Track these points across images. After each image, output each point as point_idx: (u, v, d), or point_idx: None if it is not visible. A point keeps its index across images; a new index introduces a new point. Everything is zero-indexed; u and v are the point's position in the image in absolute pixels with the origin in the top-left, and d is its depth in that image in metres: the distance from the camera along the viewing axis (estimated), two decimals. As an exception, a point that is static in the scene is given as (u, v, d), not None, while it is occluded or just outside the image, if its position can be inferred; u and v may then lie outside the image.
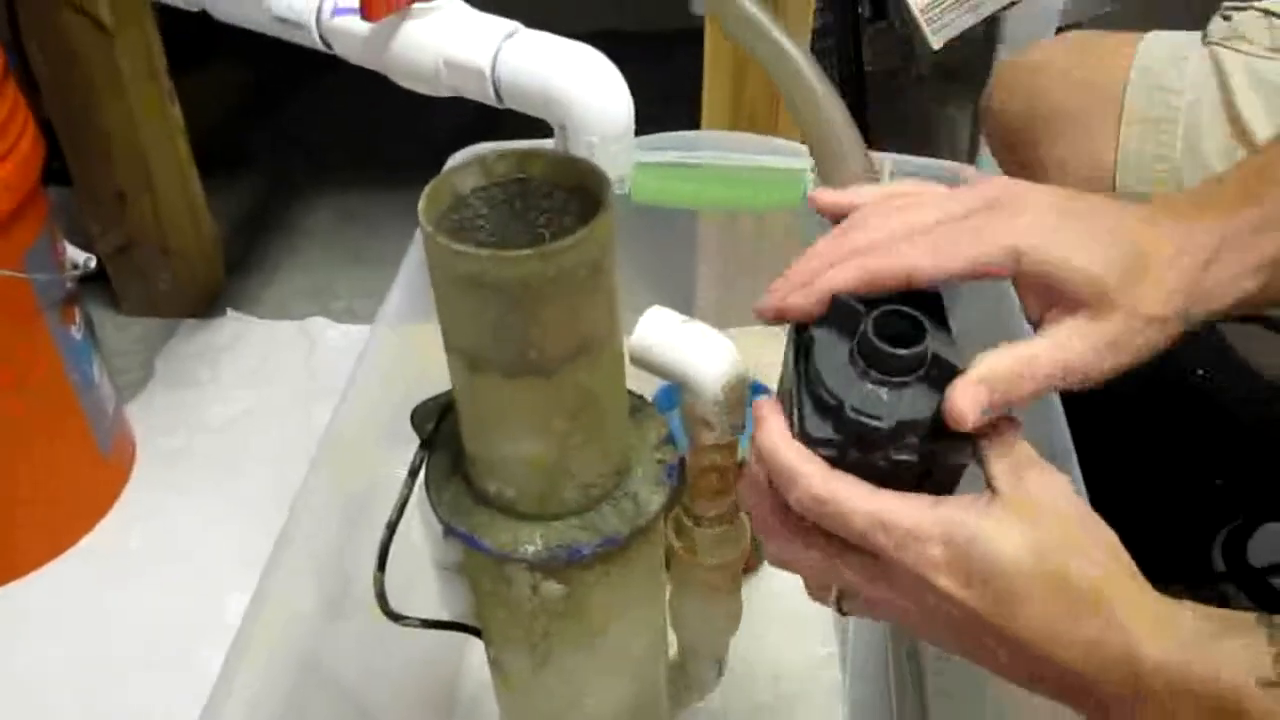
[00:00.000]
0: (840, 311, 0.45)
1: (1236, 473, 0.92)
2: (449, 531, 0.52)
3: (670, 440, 0.54)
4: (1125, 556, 0.43)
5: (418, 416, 0.57)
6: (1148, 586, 0.43)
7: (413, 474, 0.54)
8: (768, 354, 1.10)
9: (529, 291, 0.43)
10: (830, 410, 0.44)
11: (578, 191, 0.47)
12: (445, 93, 0.68)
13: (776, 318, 0.47)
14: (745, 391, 0.55)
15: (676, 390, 0.55)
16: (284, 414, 1.13)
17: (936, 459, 0.44)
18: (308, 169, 1.52)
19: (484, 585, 0.55)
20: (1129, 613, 0.41)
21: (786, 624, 0.89)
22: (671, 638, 0.70)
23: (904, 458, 0.44)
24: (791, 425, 0.45)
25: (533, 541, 0.50)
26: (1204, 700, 0.41)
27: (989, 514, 0.42)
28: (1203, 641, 0.41)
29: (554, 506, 0.50)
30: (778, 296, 0.47)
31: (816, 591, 0.50)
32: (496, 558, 0.50)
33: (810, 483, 0.43)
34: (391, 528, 0.54)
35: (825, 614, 0.90)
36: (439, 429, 0.55)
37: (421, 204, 0.44)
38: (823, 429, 0.44)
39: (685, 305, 1.20)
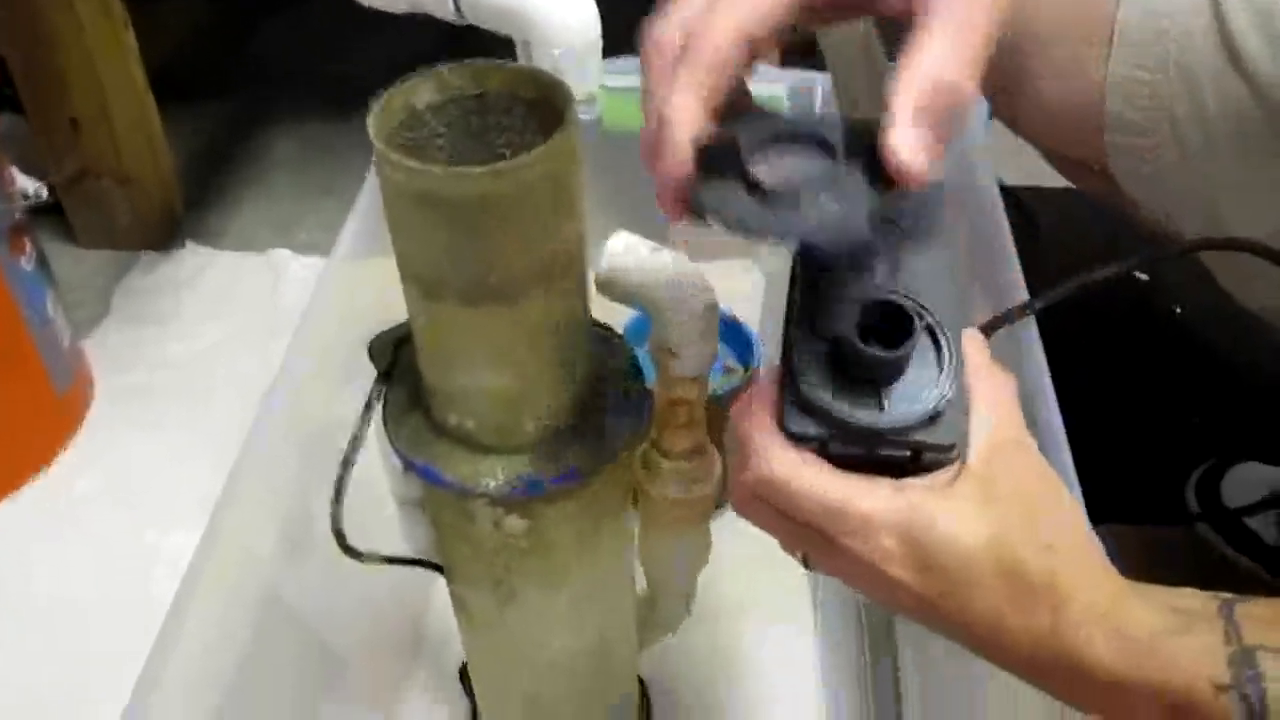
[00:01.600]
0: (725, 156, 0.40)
1: (1212, 411, 0.91)
2: (408, 465, 0.50)
3: (638, 373, 0.52)
4: (1092, 544, 0.42)
5: (375, 348, 0.54)
6: (1109, 577, 0.41)
7: (369, 407, 0.52)
8: (740, 285, 1.09)
9: (486, 211, 0.40)
10: (812, 408, 0.41)
11: (540, 106, 0.45)
12: (404, 8, 0.65)
13: (676, 215, 0.42)
14: (715, 322, 0.53)
15: (647, 322, 0.54)
16: (247, 349, 1.10)
17: (924, 453, 0.42)
18: (273, 98, 1.48)
19: (445, 521, 0.54)
20: (1081, 609, 0.40)
21: (756, 558, 0.88)
22: (639, 572, 0.69)
23: (891, 454, 0.42)
24: (779, 413, 0.42)
25: (493, 475, 0.48)
26: (1153, 700, 0.39)
27: (950, 496, 0.40)
28: (1155, 642, 0.39)
29: (516, 439, 0.48)
30: (659, 196, 0.41)
31: (784, 547, 0.48)
32: (456, 491, 0.49)
33: (761, 461, 0.41)
34: (347, 463, 0.52)
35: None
36: (396, 360, 0.52)
37: (371, 119, 0.42)
38: (802, 425, 0.41)
39: (658, 238, 1.18)
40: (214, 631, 0.58)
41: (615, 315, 0.56)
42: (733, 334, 0.86)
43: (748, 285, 1.08)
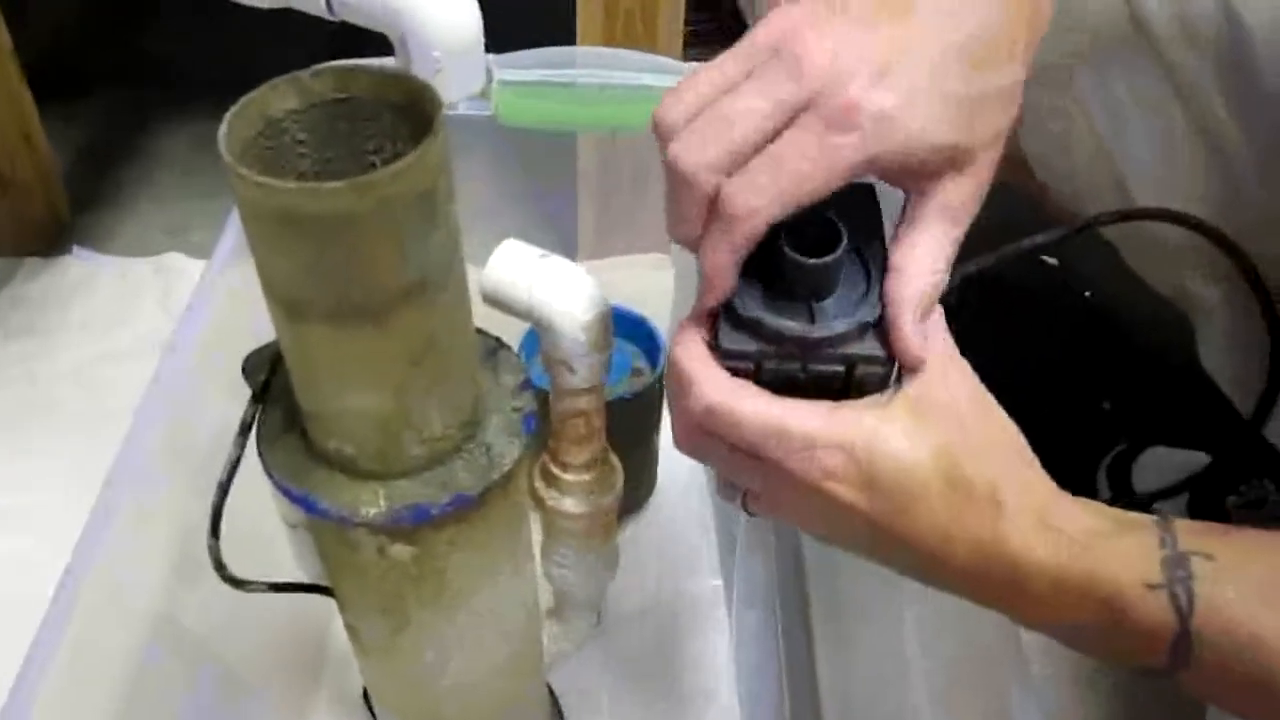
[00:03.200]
0: None
1: (1123, 396, 0.91)
2: (284, 493, 0.47)
3: (528, 385, 0.50)
4: (1027, 455, 0.43)
5: (249, 365, 0.51)
6: (1047, 485, 0.42)
7: (244, 431, 0.49)
8: (651, 281, 1.07)
9: (348, 227, 0.37)
10: (745, 324, 0.43)
11: (409, 112, 0.42)
12: (271, 3, 0.62)
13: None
14: (609, 331, 0.51)
15: (538, 331, 0.51)
16: (138, 361, 1.05)
17: (858, 366, 0.43)
18: (163, 94, 1.41)
19: (329, 549, 0.51)
20: (1017, 512, 0.41)
21: (668, 561, 0.86)
22: (545, 586, 0.66)
23: (824, 368, 0.43)
24: (712, 340, 0.44)
25: (375, 503, 0.45)
26: (1087, 600, 0.40)
27: (889, 416, 0.41)
28: (1091, 541, 0.40)
29: (398, 463, 0.46)
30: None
31: (723, 490, 0.49)
32: (336, 521, 0.46)
33: (703, 390, 0.42)
34: (223, 490, 0.49)
35: (710, 552, 0.87)
36: (272, 380, 0.49)
37: (223, 130, 0.39)
38: (737, 341, 0.43)
39: (568, 233, 1.15)
40: (91, 653, 0.55)
41: (513, 325, 0.53)
42: (641, 333, 0.84)
43: (659, 281, 1.06)
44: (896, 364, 0.43)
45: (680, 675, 0.81)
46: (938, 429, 0.42)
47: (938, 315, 0.45)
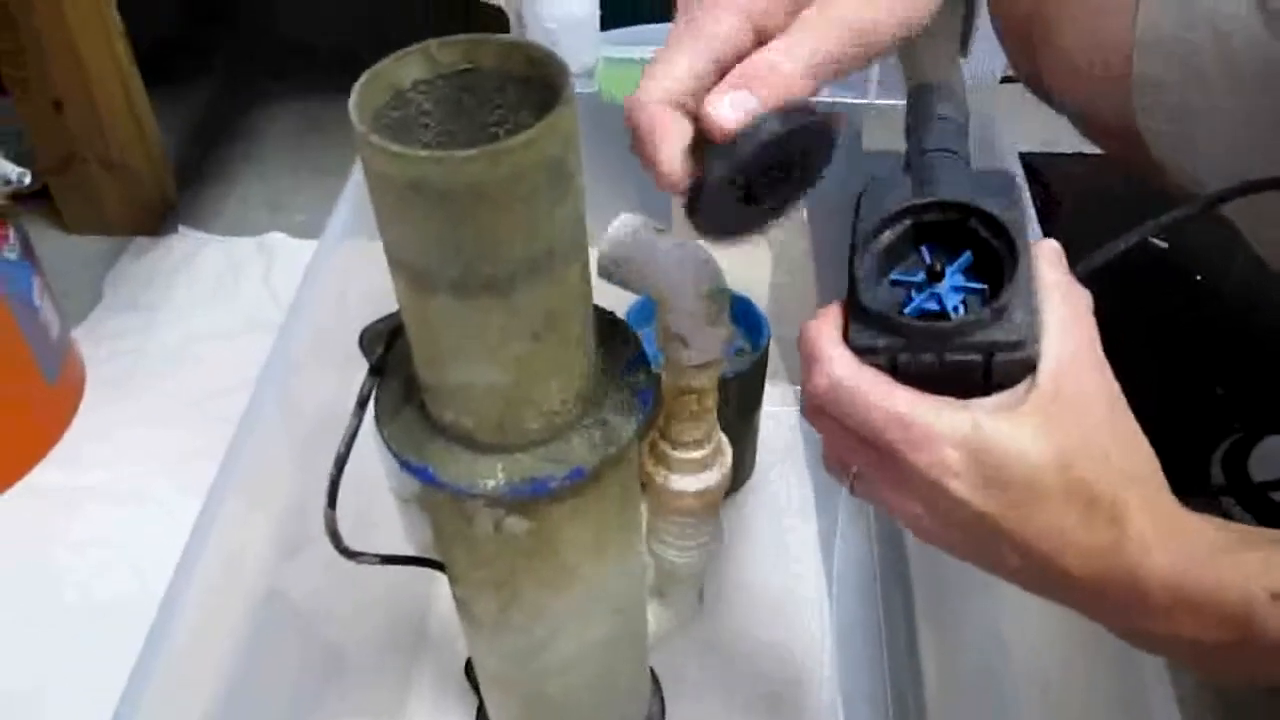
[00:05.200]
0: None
1: (1238, 382, 0.88)
2: (402, 465, 0.47)
3: (644, 361, 0.50)
4: (1154, 468, 0.41)
5: (366, 339, 0.52)
6: (1171, 500, 0.41)
7: (361, 404, 0.49)
8: (749, 262, 1.06)
9: (479, 198, 0.37)
10: (873, 319, 0.42)
11: (534, 84, 0.42)
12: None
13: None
14: (726, 307, 0.51)
15: (652, 305, 0.51)
16: (242, 336, 1.08)
17: (996, 356, 0.42)
18: (267, 74, 1.44)
19: (443, 521, 0.51)
20: (1143, 523, 0.39)
21: (767, 542, 0.86)
22: (649, 564, 0.66)
23: (961, 358, 0.42)
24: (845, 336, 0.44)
25: (493, 475, 0.45)
26: (1209, 612, 0.39)
27: (1017, 416, 0.40)
28: (1216, 554, 0.39)
29: (516, 437, 0.46)
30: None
31: (832, 464, 0.48)
32: (453, 493, 0.46)
33: (831, 368, 0.42)
34: (340, 462, 0.50)
35: (810, 533, 0.86)
36: (389, 352, 0.50)
37: (353, 99, 0.39)
38: (867, 338, 0.42)
39: (662, 215, 1.15)
40: (207, 628, 0.56)
41: (616, 299, 0.53)
42: (743, 314, 0.83)
43: (757, 263, 1.05)
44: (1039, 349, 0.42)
45: (779, 660, 0.80)
46: (1065, 433, 0.40)
47: (1085, 305, 0.43)
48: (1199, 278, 0.97)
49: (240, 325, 1.09)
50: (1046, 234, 0.68)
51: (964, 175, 0.46)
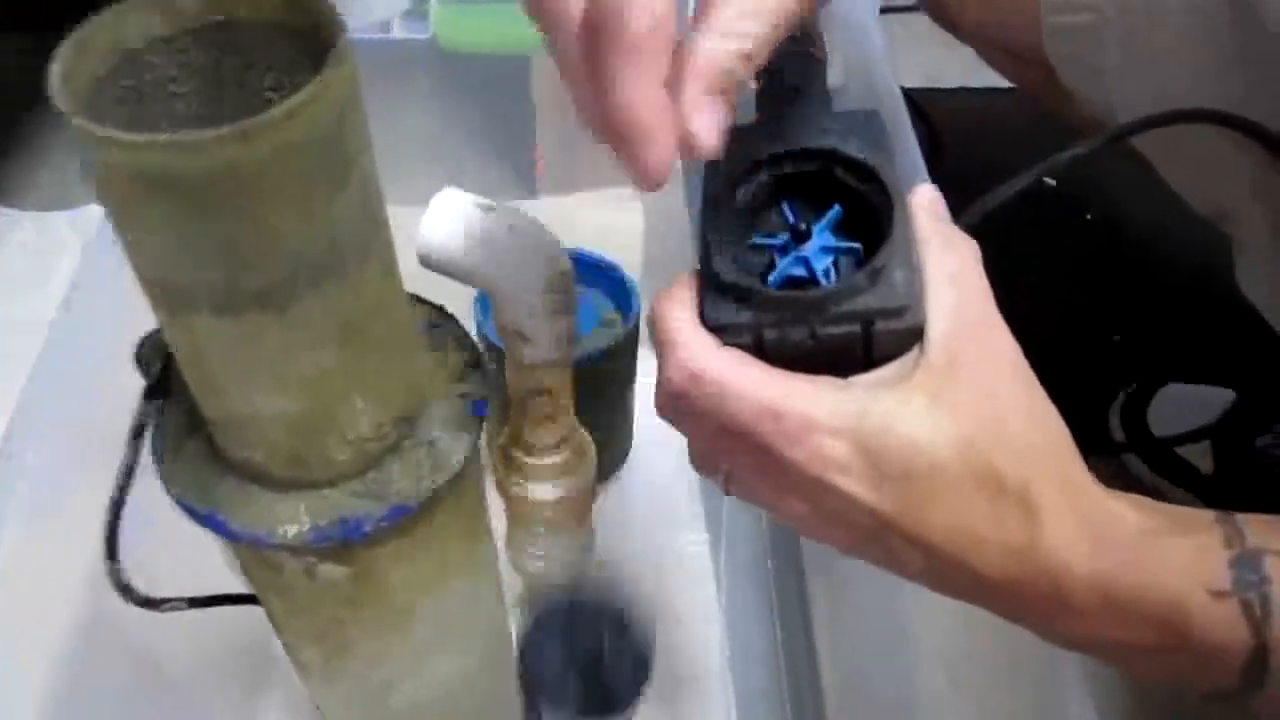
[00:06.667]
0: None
1: (1136, 328, 0.84)
2: (187, 512, 0.39)
3: (479, 365, 0.42)
4: (1066, 442, 0.36)
5: (144, 351, 0.43)
6: (1089, 481, 0.36)
7: (136, 435, 0.40)
8: (618, 218, 0.99)
9: (233, 189, 0.29)
10: (730, 289, 0.36)
11: (308, 38, 0.33)
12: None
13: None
14: (571, 294, 0.43)
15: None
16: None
17: (876, 325, 0.36)
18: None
19: (249, 568, 0.43)
20: (1059, 512, 0.35)
21: (648, 528, 0.79)
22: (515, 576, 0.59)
23: (836, 331, 0.36)
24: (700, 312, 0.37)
25: (295, 519, 0.37)
26: (1141, 614, 0.34)
27: (906, 393, 0.35)
28: (1145, 545, 0.34)
29: (321, 471, 0.38)
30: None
31: (699, 464, 0.42)
32: (248, 543, 0.38)
33: (685, 356, 0.36)
34: (116, 507, 0.41)
35: (693, 513, 0.80)
36: (169, 370, 0.41)
37: (58, 66, 0.30)
38: (724, 312, 0.36)
39: (525, 168, 1.06)
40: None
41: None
42: (610, 279, 0.75)
43: (628, 219, 0.97)
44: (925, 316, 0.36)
45: (665, 651, 0.74)
46: (966, 411, 0.35)
47: (973, 257, 0.37)
48: (1089, 217, 0.92)
49: (52, 313, 0.98)
50: (934, 178, 0.62)
51: (826, 117, 0.40)
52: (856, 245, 0.37)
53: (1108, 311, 0.87)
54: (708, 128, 0.33)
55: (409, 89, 1.02)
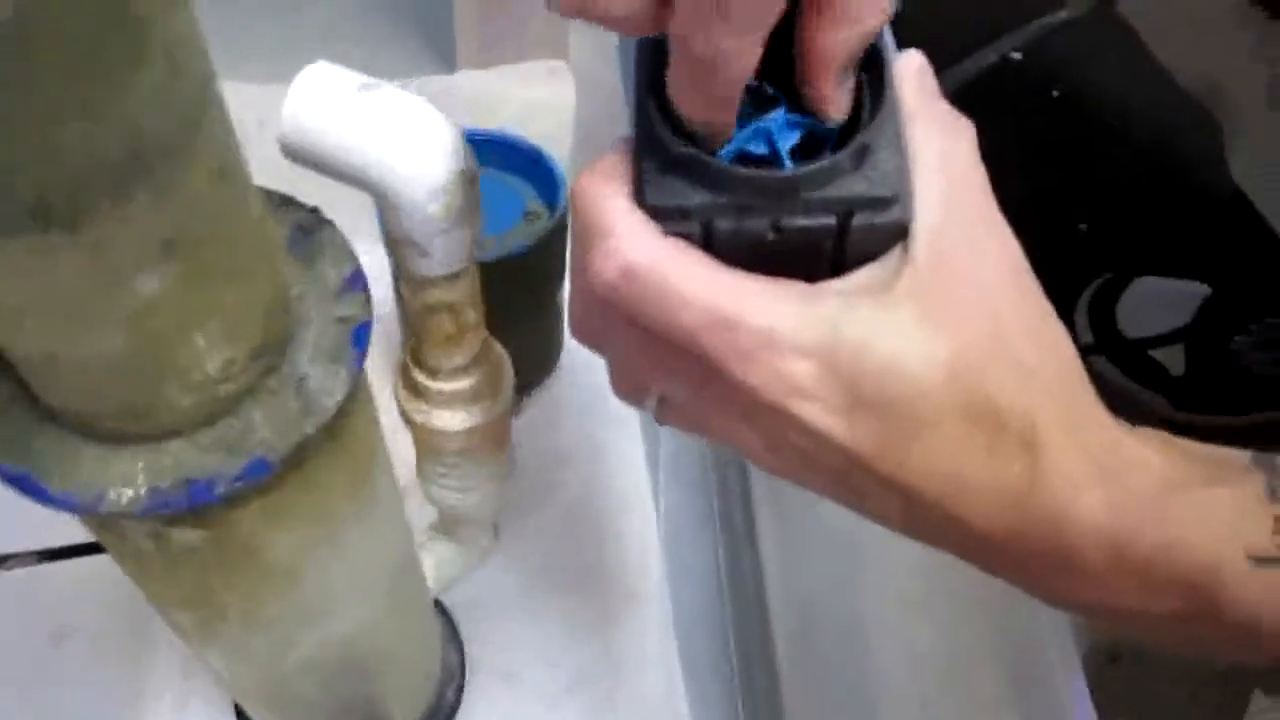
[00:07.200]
0: None
1: (1103, 217, 0.78)
2: (-2, 469, 0.32)
3: (359, 281, 0.34)
4: (1076, 366, 0.31)
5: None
6: (1104, 415, 0.31)
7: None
8: (545, 93, 0.90)
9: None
10: (681, 164, 0.29)
11: None
12: None
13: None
14: (474, 195, 0.36)
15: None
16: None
17: (855, 218, 0.29)
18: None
19: (90, 528, 0.36)
20: (1068, 457, 0.29)
21: (578, 443, 0.73)
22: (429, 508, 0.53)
23: (806, 223, 0.29)
24: (636, 193, 0.30)
25: (130, 481, 0.30)
26: (1162, 578, 0.29)
27: (892, 307, 0.29)
28: (1170, 496, 0.29)
29: (162, 420, 0.30)
30: None
31: (625, 389, 0.35)
32: (72, 509, 0.31)
33: (619, 246, 0.29)
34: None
35: (629, 424, 0.74)
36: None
37: None
38: (670, 192, 0.29)
39: (442, 36, 0.96)
40: None
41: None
42: (534, 165, 0.67)
43: (556, 95, 0.88)
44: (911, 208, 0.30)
45: (600, 576, 0.68)
46: (957, 324, 0.29)
47: (969, 141, 0.31)
48: (1055, 94, 0.85)
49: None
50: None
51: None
52: (833, 123, 0.30)
53: (1073, 198, 0.80)
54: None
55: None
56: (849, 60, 0.29)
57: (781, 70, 0.30)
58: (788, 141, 0.30)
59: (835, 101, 0.30)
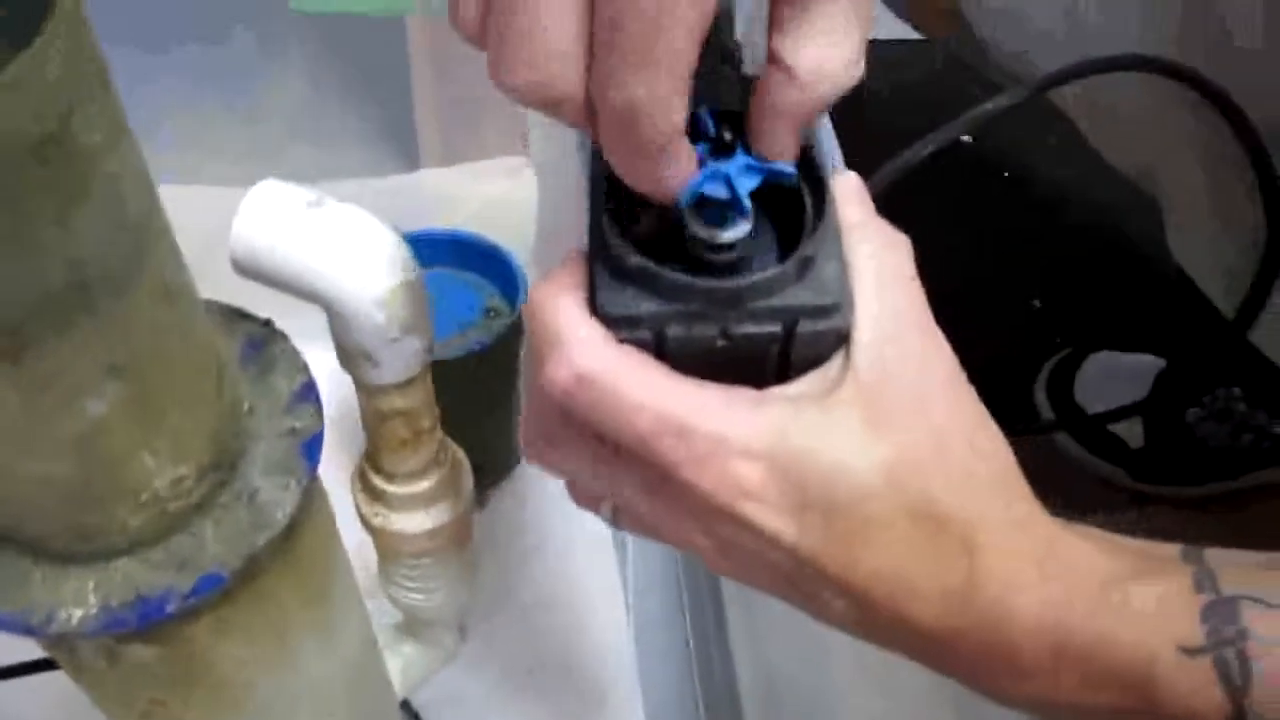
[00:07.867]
0: None
1: (1057, 292, 0.80)
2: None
3: (310, 393, 0.35)
4: (1011, 466, 0.32)
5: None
6: (1039, 514, 0.31)
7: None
8: (507, 190, 0.91)
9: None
10: (632, 275, 0.30)
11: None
12: None
13: None
14: (422, 304, 0.36)
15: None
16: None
17: (800, 322, 0.30)
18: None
19: (42, 643, 0.35)
20: (1004, 557, 0.30)
21: (546, 537, 0.73)
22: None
23: (753, 330, 0.30)
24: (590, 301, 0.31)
25: (80, 601, 0.30)
26: (1100, 673, 0.29)
27: (836, 413, 0.30)
28: (1106, 590, 0.29)
29: (112, 540, 0.31)
30: None
31: (582, 499, 0.36)
32: (23, 632, 0.31)
33: (572, 353, 0.30)
34: None
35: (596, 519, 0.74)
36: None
37: None
38: (622, 301, 0.30)
39: (405, 137, 0.97)
40: None
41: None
42: (494, 263, 0.68)
43: (517, 192, 0.89)
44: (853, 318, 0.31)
45: (570, 670, 0.68)
46: (898, 429, 0.30)
47: (905, 253, 0.32)
48: (1006, 175, 0.88)
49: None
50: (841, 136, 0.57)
51: (734, 82, 0.33)
52: (790, 170, 0.31)
53: (1026, 275, 0.82)
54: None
55: (280, 61, 0.94)
56: (805, 121, 0.30)
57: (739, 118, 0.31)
58: (746, 186, 0.31)
59: (787, 152, 0.30)
